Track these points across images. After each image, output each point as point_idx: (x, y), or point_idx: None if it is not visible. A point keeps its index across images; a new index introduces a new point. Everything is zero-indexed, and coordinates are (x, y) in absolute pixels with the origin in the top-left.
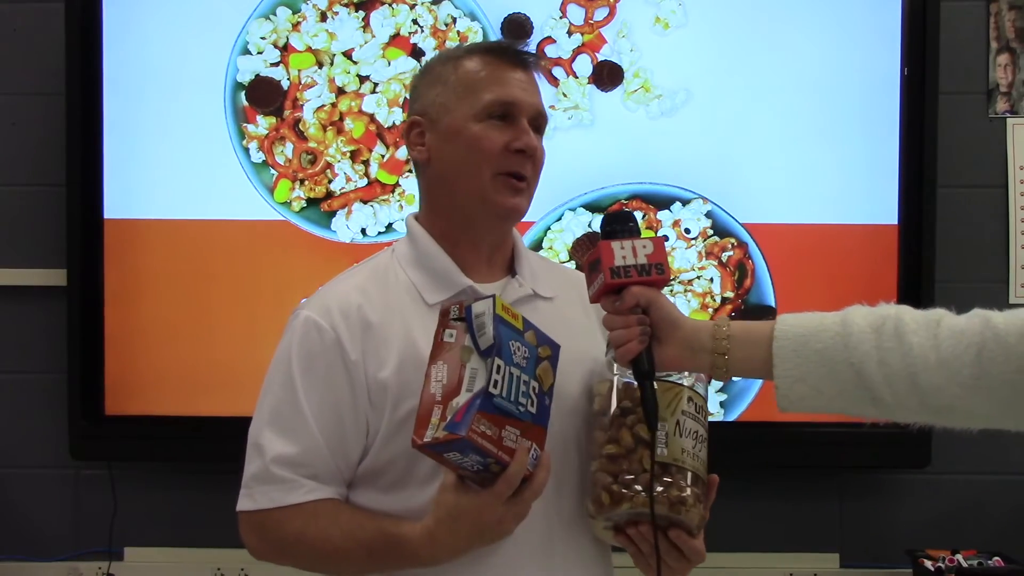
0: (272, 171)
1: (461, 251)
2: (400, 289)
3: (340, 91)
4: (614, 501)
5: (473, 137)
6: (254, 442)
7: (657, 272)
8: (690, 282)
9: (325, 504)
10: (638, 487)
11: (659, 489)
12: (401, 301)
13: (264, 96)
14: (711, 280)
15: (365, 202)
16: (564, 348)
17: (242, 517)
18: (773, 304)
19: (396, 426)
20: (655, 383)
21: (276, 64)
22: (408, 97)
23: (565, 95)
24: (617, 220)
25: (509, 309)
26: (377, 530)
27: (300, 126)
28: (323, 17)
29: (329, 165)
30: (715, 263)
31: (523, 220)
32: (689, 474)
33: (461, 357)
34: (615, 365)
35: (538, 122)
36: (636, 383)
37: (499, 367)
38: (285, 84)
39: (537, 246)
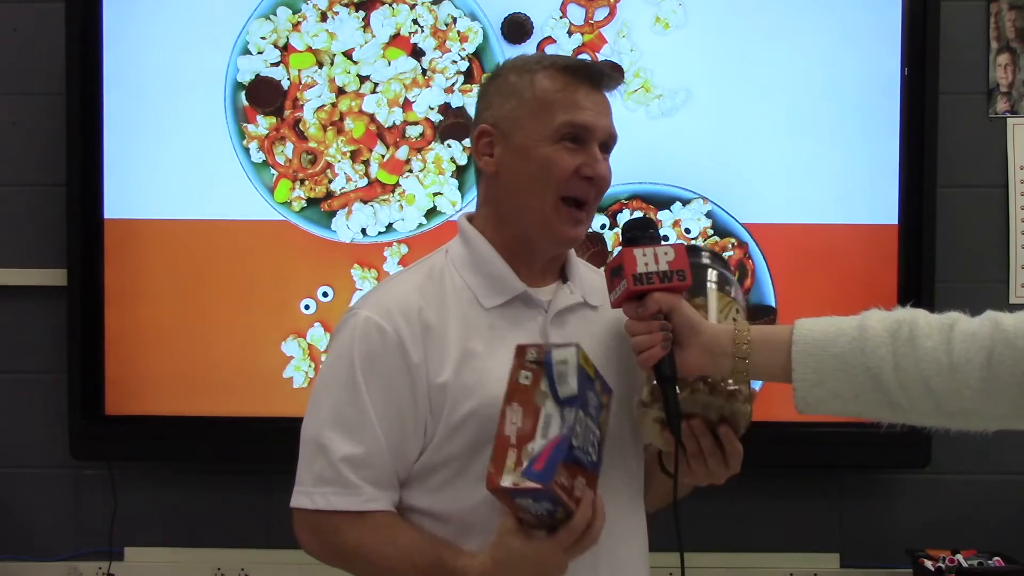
0: (272, 171)
1: (516, 259)
2: (456, 292)
3: (340, 91)
4: None
5: (545, 158)
6: (315, 441)
7: (679, 279)
8: None
9: (384, 517)
10: (689, 379)
11: (711, 377)
12: (458, 304)
13: (264, 96)
14: None
15: (365, 202)
16: (610, 357)
17: (297, 514)
18: (773, 304)
19: (453, 428)
20: (713, 289)
21: (276, 64)
22: (477, 101)
23: None
24: (638, 227)
25: (587, 358)
26: (436, 557)
27: (300, 126)
28: (323, 17)
29: (329, 165)
30: None
31: None
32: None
33: (536, 401)
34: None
35: (609, 144)
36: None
37: (579, 418)
38: (285, 84)
39: None
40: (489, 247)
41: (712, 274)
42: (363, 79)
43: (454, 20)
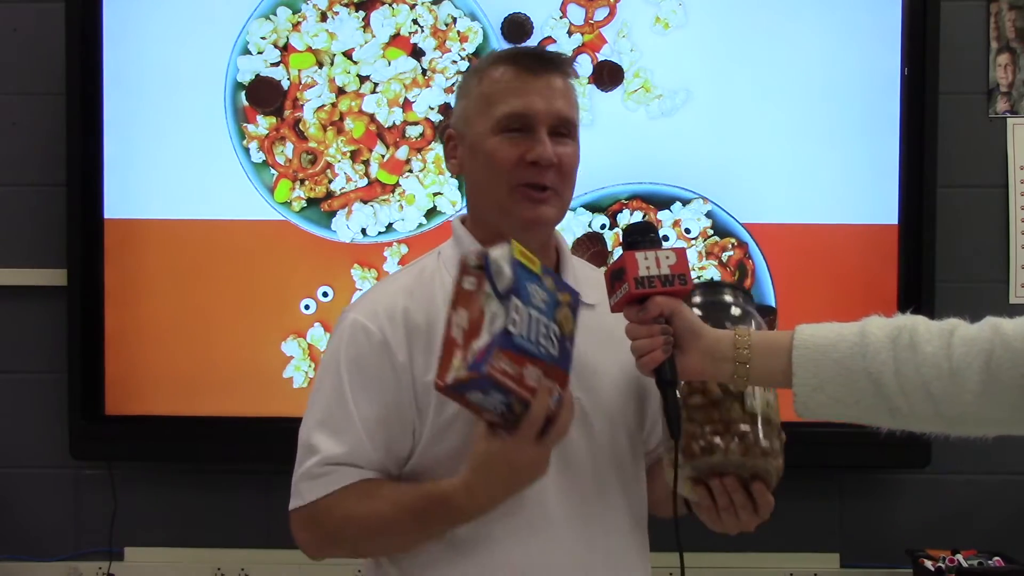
0: (272, 171)
1: None
2: (446, 292)
3: (340, 91)
4: (705, 451)
5: (489, 152)
6: (306, 443)
7: (680, 283)
8: None
9: (368, 483)
10: (723, 440)
11: (745, 438)
12: (447, 304)
13: (264, 96)
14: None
15: (365, 202)
16: (605, 356)
17: (293, 517)
18: (773, 304)
19: (441, 428)
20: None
21: (276, 64)
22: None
23: None
24: (639, 231)
25: (527, 254)
26: (419, 492)
27: (300, 126)
28: (323, 17)
29: (329, 165)
30: (715, 263)
31: None
32: (773, 426)
33: (481, 303)
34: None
35: (564, 128)
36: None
37: (517, 307)
38: (285, 84)
39: None
40: (477, 246)
41: (735, 311)
42: (363, 79)
43: (454, 20)
